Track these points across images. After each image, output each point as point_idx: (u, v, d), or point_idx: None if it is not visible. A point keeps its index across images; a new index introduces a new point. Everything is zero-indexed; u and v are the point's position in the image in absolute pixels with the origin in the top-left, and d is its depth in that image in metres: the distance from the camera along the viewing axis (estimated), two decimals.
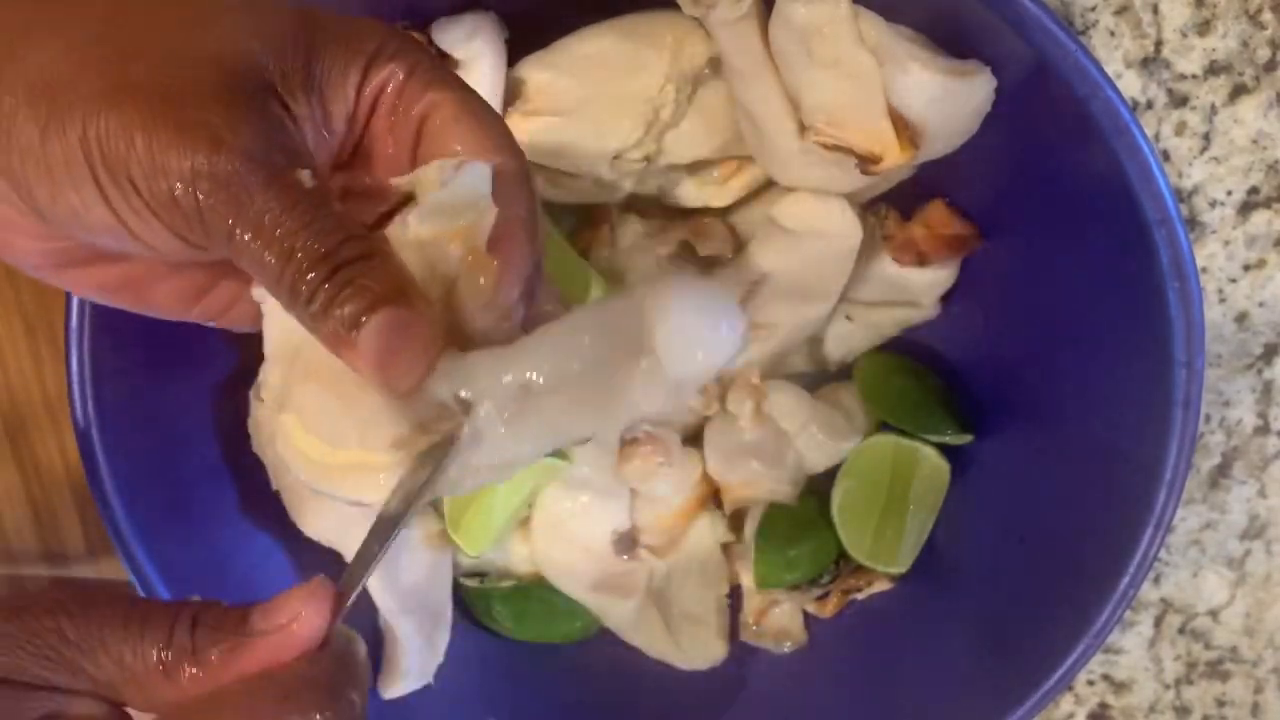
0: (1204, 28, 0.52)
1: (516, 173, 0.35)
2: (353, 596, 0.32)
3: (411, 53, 0.34)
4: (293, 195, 0.30)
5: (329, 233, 0.30)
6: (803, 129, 0.48)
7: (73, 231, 0.32)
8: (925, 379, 0.55)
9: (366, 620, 0.53)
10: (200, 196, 0.30)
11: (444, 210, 0.32)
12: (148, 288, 0.36)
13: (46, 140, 0.30)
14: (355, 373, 0.31)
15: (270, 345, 0.35)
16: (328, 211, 0.30)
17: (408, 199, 0.34)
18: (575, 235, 0.54)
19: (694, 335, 0.31)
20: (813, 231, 0.51)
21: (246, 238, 0.30)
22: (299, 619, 0.30)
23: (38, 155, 0.30)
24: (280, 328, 0.35)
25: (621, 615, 0.56)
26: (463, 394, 0.32)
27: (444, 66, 0.36)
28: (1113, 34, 0.52)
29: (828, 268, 0.52)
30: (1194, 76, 0.53)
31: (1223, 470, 0.59)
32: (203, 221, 0.30)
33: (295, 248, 0.30)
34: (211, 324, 0.38)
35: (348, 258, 0.30)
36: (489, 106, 0.35)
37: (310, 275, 0.30)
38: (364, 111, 0.34)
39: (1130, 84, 0.53)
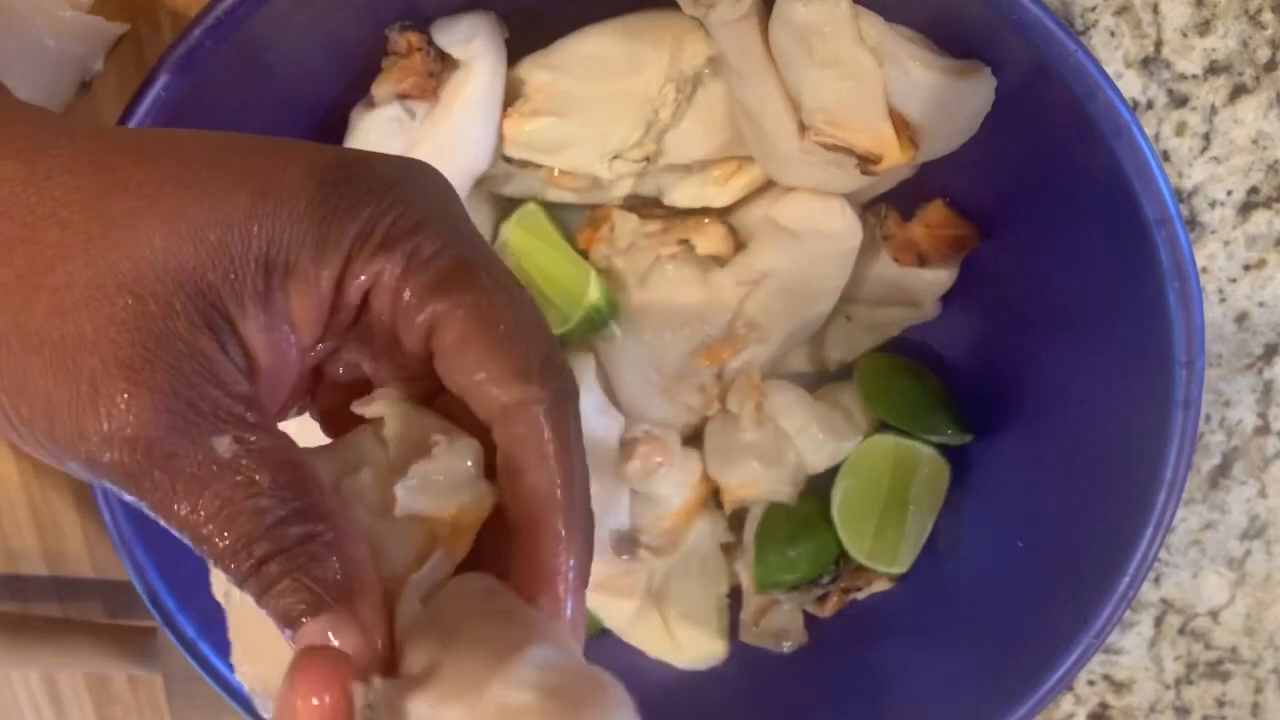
0: (1204, 28, 0.52)
1: (551, 408, 0.28)
2: None
3: (408, 237, 0.28)
4: (203, 479, 0.26)
5: (252, 516, 0.26)
6: (803, 129, 0.48)
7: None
8: (925, 379, 0.55)
9: None
10: (108, 480, 0.26)
11: (433, 487, 0.28)
12: None
13: None
14: None
15: None
16: (251, 488, 0.26)
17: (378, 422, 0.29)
18: (575, 235, 0.54)
19: None
20: (813, 231, 0.51)
21: (166, 523, 0.26)
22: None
23: None
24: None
25: (621, 615, 0.56)
26: None
27: (455, 248, 0.28)
28: (1113, 34, 0.52)
29: (828, 268, 0.52)
30: (1194, 76, 0.53)
31: (1223, 470, 0.59)
32: (122, 492, 0.27)
33: (214, 536, 0.26)
34: None
35: (263, 552, 0.26)
36: (511, 313, 0.28)
37: (238, 561, 0.26)
38: (350, 307, 0.28)
39: (1130, 84, 0.53)
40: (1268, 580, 0.61)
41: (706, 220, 0.53)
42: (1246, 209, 0.55)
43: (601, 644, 0.57)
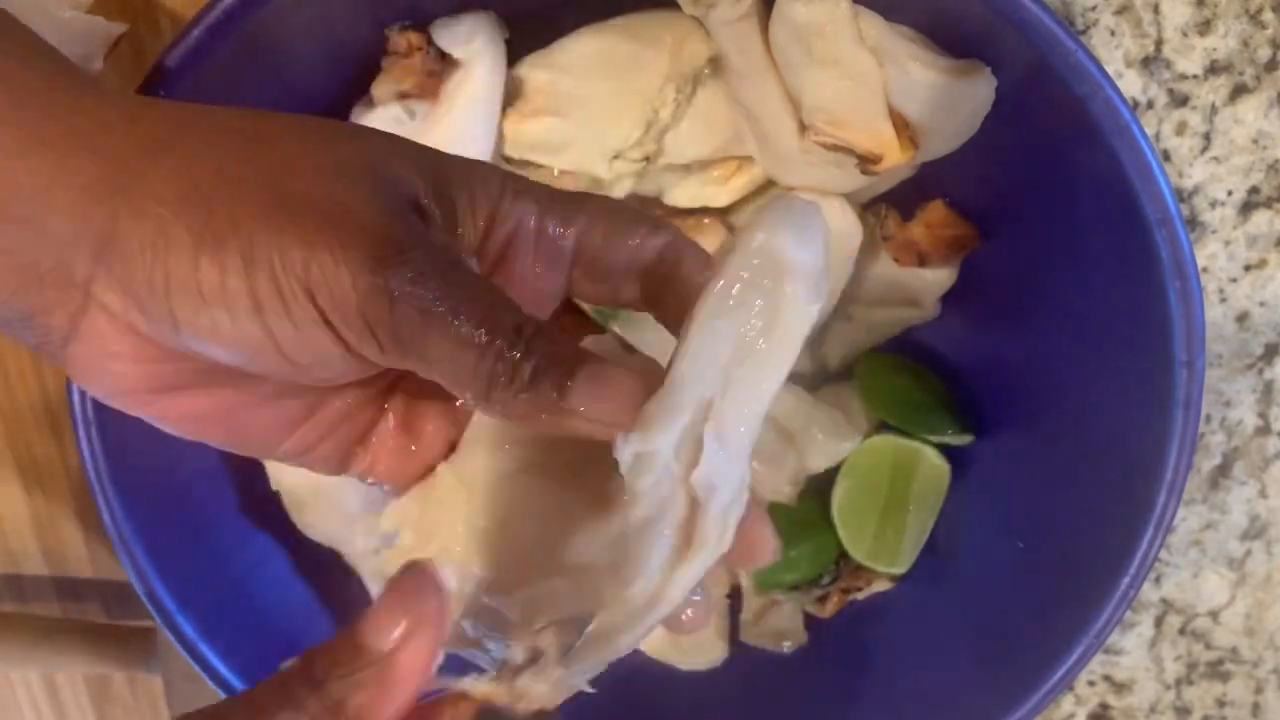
0: (1205, 27, 0.52)
1: (690, 242, 0.33)
2: None
3: (538, 189, 0.33)
4: (473, 285, 0.29)
5: (510, 311, 0.29)
6: (803, 129, 0.48)
7: (197, 348, 0.30)
8: (925, 379, 0.55)
9: None
10: (395, 292, 0.28)
11: None
12: (242, 418, 0.34)
13: (199, 256, 0.29)
14: (571, 435, 0.30)
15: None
16: (501, 294, 0.30)
17: None
18: None
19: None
20: None
21: (438, 338, 0.29)
22: (413, 620, 0.28)
23: (188, 270, 0.29)
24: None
25: None
26: None
27: (576, 195, 0.34)
28: (1113, 33, 0.52)
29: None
30: (1194, 76, 0.53)
31: (1223, 470, 0.59)
32: (391, 319, 0.29)
33: (487, 334, 0.29)
34: (295, 463, 0.36)
35: (530, 334, 0.29)
36: (640, 215, 0.33)
37: (507, 356, 0.29)
38: (492, 254, 0.32)
39: (1131, 84, 0.53)
40: (1268, 580, 0.61)
41: (706, 220, 0.53)
42: (1247, 209, 0.55)
43: None
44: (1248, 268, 0.56)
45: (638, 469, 0.29)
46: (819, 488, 0.55)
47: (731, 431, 0.30)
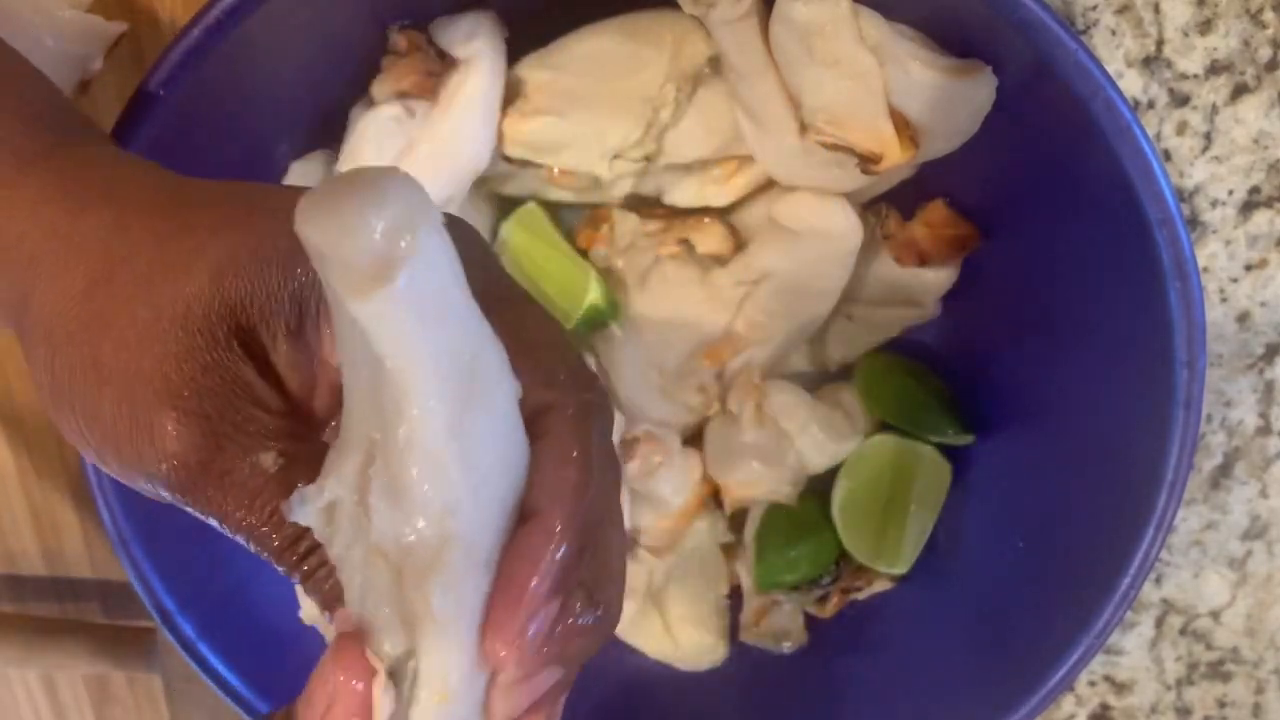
0: (1205, 27, 0.52)
1: (576, 415, 0.29)
2: None
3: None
4: (253, 489, 0.29)
5: (281, 529, 0.29)
6: (803, 128, 0.48)
7: None
8: (926, 379, 0.55)
9: None
10: (170, 496, 0.30)
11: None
12: None
13: (57, 405, 0.31)
14: None
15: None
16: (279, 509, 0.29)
17: None
18: (575, 235, 0.54)
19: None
20: (813, 231, 0.51)
21: (228, 531, 0.29)
22: (338, 699, 0.28)
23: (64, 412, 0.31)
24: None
25: (622, 616, 0.56)
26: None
27: (479, 275, 0.29)
28: (1114, 33, 0.52)
29: (828, 267, 0.52)
30: (1195, 76, 0.53)
31: (1224, 470, 0.59)
32: (185, 507, 0.30)
33: (267, 538, 0.29)
34: None
35: (303, 549, 0.29)
36: (539, 326, 0.30)
37: (285, 558, 0.29)
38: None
39: (1131, 83, 0.53)
40: (1269, 580, 0.61)
41: (707, 220, 0.53)
42: (1248, 208, 0.55)
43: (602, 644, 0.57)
44: (1248, 267, 0.56)
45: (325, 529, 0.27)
46: (819, 488, 0.55)
47: (404, 481, 0.26)
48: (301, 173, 0.50)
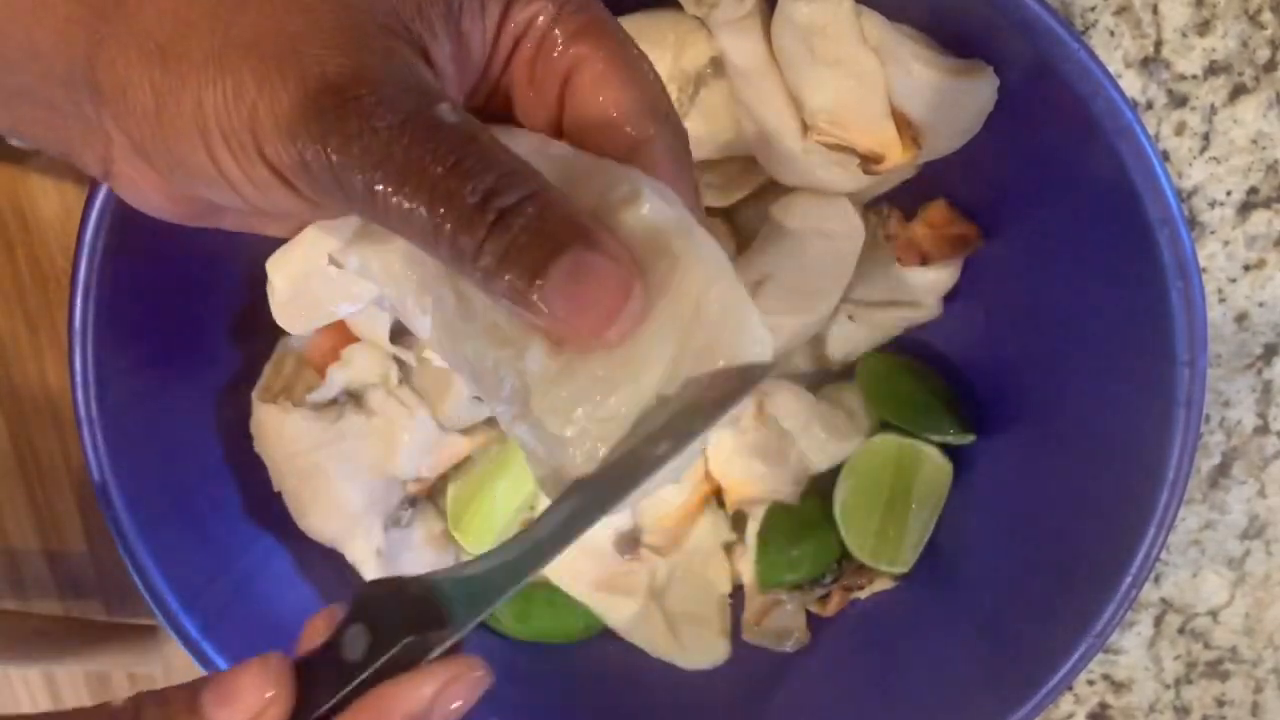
0: (1204, 28, 0.52)
1: (672, 148, 0.30)
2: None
3: None
4: (435, 136, 0.26)
5: (482, 173, 0.25)
6: (805, 128, 0.48)
7: (192, 192, 0.30)
8: (927, 379, 0.55)
9: None
10: (333, 156, 0.26)
11: None
12: (268, 225, 0.34)
13: (162, 109, 0.28)
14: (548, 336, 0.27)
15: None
16: (479, 148, 0.26)
17: None
18: None
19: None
20: (815, 231, 0.51)
21: (389, 192, 0.25)
22: (256, 706, 0.27)
23: (154, 123, 0.28)
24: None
25: (623, 615, 0.56)
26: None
27: (596, 6, 0.30)
28: (1112, 34, 0.52)
29: (830, 267, 0.52)
30: (1194, 77, 0.53)
31: (1222, 470, 0.60)
32: (338, 182, 0.26)
33: (448, 195, 0.25)
34: None
35: (509, 202, 0.25)
36: (643, 64, 0.30)
37: (472, 225, 0.25)
38: (503, 52, 0.30)
39: (1130, 84, 0.53)
40: (1267, 580, 0.61)
41: (708, 220, 0.53)
42: (1246, 209, 0.55)
43: (603, 644, 0.57)
44: (1247, 268, 0.56)
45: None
46: (821, 487, 0.55)
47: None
48: None
